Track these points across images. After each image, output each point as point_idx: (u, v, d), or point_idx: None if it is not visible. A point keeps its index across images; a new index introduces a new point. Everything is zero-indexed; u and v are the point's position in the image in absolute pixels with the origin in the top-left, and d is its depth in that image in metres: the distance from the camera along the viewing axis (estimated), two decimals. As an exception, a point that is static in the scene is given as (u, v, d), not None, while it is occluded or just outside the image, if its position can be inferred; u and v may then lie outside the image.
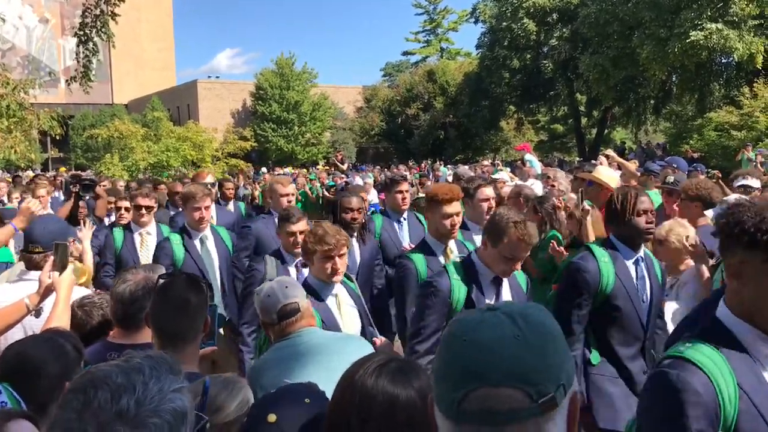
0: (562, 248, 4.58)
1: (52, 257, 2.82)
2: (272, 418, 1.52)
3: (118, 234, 5.38)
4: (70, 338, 2.19)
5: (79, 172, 12.17)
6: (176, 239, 4.81)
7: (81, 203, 6.28)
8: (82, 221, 5.80)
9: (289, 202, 5.36)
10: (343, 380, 1.50)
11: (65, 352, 2.09)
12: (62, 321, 2.67)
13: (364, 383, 1.44)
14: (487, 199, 4.62)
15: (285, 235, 4.19)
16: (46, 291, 2.77)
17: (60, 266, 2.78)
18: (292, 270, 4.16)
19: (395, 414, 1.41)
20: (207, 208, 4.87)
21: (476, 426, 0.94)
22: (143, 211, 5.37)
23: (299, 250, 3.92)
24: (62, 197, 8.63)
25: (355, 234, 4.62)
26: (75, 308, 2.85)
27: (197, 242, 4.84)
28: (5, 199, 8.57)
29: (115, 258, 5.27)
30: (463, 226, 4.34)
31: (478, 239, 4.11)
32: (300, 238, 3.96)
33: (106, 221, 6.77)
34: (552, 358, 0.96)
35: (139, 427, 1.10)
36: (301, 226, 4.12)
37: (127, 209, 5.69)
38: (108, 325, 2.75)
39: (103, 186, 8.09)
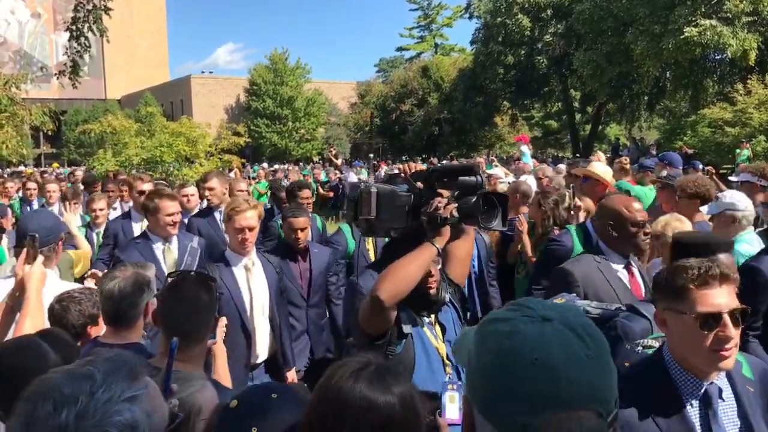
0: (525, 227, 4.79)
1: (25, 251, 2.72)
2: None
3: None
4: (58, 339, 2.04)
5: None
6: None
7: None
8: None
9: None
10: (320, 385, 1.46)
11: (46, 358, 1.91)
12: (36, 316, 2.51)
13: (341, 388, 1.40)
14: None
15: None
16: (18, 284, 2.64)
17: (31, 258, 2.69)
18: None
19: (371, 419, 1.37)
20: None
21: None
22: None
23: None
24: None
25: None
26: (53, 303, 2.66)
27: None
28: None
29: None
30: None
31: None
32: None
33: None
34: (613, 373, 0.95)
35: None
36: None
37: None
38: (90, 323, 2.64)
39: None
